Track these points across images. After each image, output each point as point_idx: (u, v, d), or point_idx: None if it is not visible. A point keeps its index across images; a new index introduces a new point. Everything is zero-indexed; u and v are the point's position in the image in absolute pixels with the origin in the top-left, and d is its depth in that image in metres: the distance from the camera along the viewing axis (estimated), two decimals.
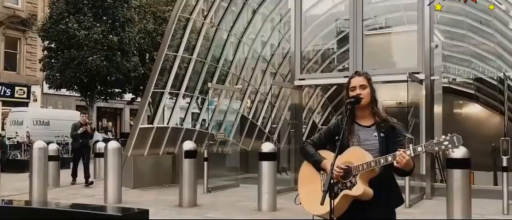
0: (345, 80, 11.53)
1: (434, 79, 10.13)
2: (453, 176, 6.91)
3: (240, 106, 13.97)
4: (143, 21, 22.91)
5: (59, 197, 9.88)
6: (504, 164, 8.15)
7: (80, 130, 11.62)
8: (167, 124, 12.37)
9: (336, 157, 3.09)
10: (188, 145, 8.98)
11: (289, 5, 14.07)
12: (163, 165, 11.97)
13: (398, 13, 15.39)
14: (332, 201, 3.01)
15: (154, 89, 11.47)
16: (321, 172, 3.36)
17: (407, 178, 7.99)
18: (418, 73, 9.80)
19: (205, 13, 12.30)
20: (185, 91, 12.42)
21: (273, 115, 16.30)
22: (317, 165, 3.37)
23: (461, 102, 17.43)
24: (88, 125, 12.07)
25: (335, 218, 3.07)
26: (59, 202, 8.52)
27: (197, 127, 13.48)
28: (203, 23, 12.14)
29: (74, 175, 11.87)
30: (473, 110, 17.68)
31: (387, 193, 3.23)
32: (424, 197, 9.65)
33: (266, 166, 8.31)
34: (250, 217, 7.84)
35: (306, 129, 16.05)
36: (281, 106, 16.17)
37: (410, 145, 3.06)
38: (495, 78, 15.78)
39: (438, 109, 11.32)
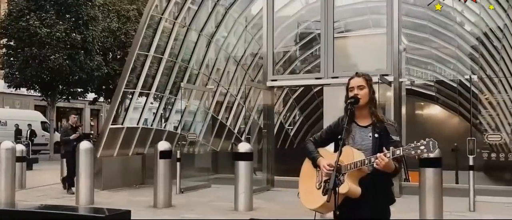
0: (317, 82, 11.85)
1: (402, 81, 10.46)
2: (425, 175, 7.17)
3: (210, 107, 13.96)
4: (107, 20, 22.50)
5: (27, 199, 9.60)
6: (471, 163, 8.51)
7: (73, 136, 10.31)
8: (137, 124, 12.22)
9: (339, 155, 3.19)
10: (163, 145, 8.93)
11: (261, 6, 14.23)
12: (133, 166, 11.83)
13: (364, 17, 15.79)
14: (336, 197, 3.10)
15: (124, 88, 11.31)
16: (317, 169, 3.47)
17: None
18: (387, 75, 10.08)
19: (177, 13, 12.21)
20: (155, 91, 12.31)
21: (242, 116, 16.38)
22: (314, 162, 3.48)
23: (422, 103, 18.08)
24: (80, 128, 11.21)
25: (338, 213, 3.18)
26: (42, 204, 8.32)
27: (167, 127, 13.38)
28: (175, 22, 12.06)
29: (72, 183, 10.03)
30: (433, 111, 18.36)
31: (376, 192, 3.33)
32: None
33: (242, 166, 8.35)
34: (227, 217, 7.87)
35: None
36: (250, 107, 16.26)
37: (390, 148, 3.19)
38: (454, 80, 16.43)
39: (402, 110, 11.70)
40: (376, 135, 3.36)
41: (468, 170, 8.59)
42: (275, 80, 11.43)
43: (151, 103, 13.42)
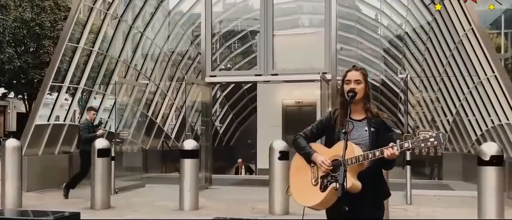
0: (255, 78, 11.80)
1: (339, 79, 10.68)
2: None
3: (140, 103, 13.41)
4: (19, 9, 20.93)
5: None
6: (408, 158, 8.90)
7: (100, 132, 9.56)
8: (64, 121, 11.43)
9: (345, 149, 3.11)
10: (101, 143, 8.39)
11: (194, 1, 13.96)
12: (59, 166, 11.06)
13: (302, 16, 16.03)
14: (344, 185, 3.01)
15: (52, 82, 10.53)
16: (312, 164, 3.38)
17: None
18: (326, 73, 10.26)
19: (108, 4, 11.57)
20: (84, 85, 11.61)
21: (172, 113, 15.96)
22: (308, 157, 3.39)
23: None
24: (101, 125, 10.23)
25: (346, 208, 3.12)
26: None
27: (96, 124, 12.64)
28: (106, 13, 11.43)
29: (74, 186, 9.40)
30: None
31: (375, 186, 3.33)
32: None
33: (188, 164, 8.08)
34: (174, 217, 7.58)
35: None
36: (180, 104, 15.90)
37: (397, 141, 3.19)
38: (377, 80, 17.19)
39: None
40: (372, 129, 3.34)
41: (404, 165, 8.98)
42: (214, 76, 11.22)
43: (77, 98, 12.62)
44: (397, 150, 3.08)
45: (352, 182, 3.15)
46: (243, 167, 15.80)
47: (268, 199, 7.73)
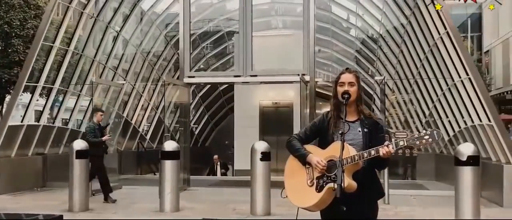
0: (234, 79, 11.79)
1: (317, 81, 10.83)
2: None
3: (115, 103, 13.23)
4: None
5: None
6: None
7: (105, 137, 9.21)
8: (38, 122, 11.18)
9: (342, 149, 3.16)
10: (80, 144, 8.25)
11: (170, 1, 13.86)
12: (33, 167, 10.83)
13: (277, 17, 16.11)
14: (343, 186, 3.06)
15: (26, 82, 10.30)
16: (307, 166, 3.41)
17: None
18: (305, 75, 10.36)
19: (84, 3, 11.39)
20: (59, 86, 11.39)
21: (147, 114, 15.80)
22: (303, 159, 3.41)
23: (320, 103, 18.89)
24: (107, 128, 9.75)
25: (344, 209, 3.16)
26: None
27: (70, 125, 12.44)
28: (82, 12, 11.24)
29: (109, 189, 9.09)
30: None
31: (370, 186, 3.39)
32: None
33: (169, 165, 8.01)
34: (158, 218, 7.53)
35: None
36: (155, 105, 15.76)
37: (392, 140, 3.25)
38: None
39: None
40: (366, 130, 3.39)
41: None
42: (193, 76, 11.18)
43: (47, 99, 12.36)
44: (393, 148, 3.15)
45: (348, 182, 3.19)
46: (218, 163, 15.86)
47: (248, 199, 7.76)
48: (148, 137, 15.56)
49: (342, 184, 3.05)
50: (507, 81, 35.47)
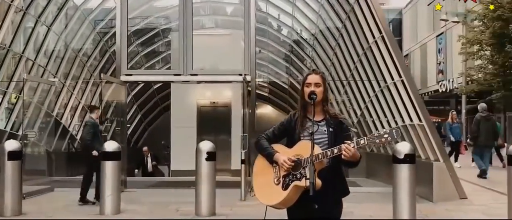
0: (173, 78, 11.66)
1: (258, 82, 10.94)
2: None
3: (44, 102, 12.59)
4: None
5: None
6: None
7: (94, 153, 8.57)
8: None
9: (312, 148, 3.24)
10: (12, 144, 7.78)
11: None
12: None
13: (214, 16, 16.02)
14: (315, 183, 3.14)
15: None
16: (274, 164, 3.47)
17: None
18: (246, 75, 10.42)
19: None
20: None
21: (78, 113, 15.17)
22: (270, 158, 3.48)
23: (256, 103, 19.09)
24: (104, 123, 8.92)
25: (317, 207, 3.24)
26: None
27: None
28: (10, 5, 10.58)
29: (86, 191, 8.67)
30: (266, 110, 19.53)
31: (335, 184, 3.50)
32: None
33: (110, 167, 7.75)
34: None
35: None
36: (86, 104, 15.14)
37: (354, 138, 3.39)
38: (286, 82, 17.74)
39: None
40: (331, 129, 3.49)
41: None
42: (130, 74, 10.88)
43: None
44: (353, 146, 3.26)
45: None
46: (149, 155, 15.52)
47: (189, 200, 7.71)
48: (78, 137, 14.92)
49: (314, 182, 3.13)
50: (424, 84, 37.79)
